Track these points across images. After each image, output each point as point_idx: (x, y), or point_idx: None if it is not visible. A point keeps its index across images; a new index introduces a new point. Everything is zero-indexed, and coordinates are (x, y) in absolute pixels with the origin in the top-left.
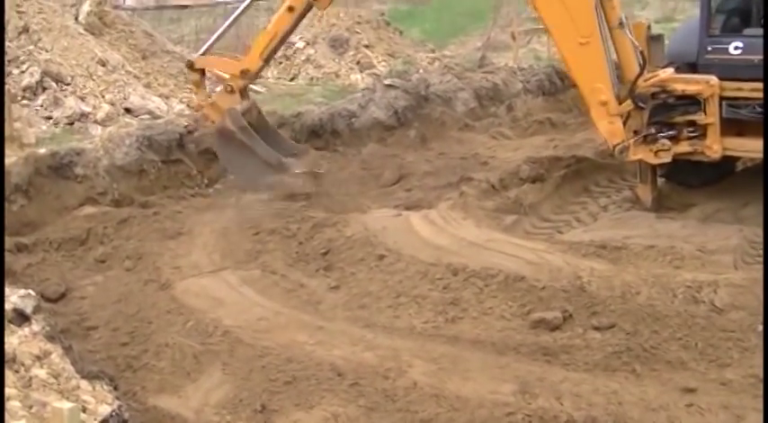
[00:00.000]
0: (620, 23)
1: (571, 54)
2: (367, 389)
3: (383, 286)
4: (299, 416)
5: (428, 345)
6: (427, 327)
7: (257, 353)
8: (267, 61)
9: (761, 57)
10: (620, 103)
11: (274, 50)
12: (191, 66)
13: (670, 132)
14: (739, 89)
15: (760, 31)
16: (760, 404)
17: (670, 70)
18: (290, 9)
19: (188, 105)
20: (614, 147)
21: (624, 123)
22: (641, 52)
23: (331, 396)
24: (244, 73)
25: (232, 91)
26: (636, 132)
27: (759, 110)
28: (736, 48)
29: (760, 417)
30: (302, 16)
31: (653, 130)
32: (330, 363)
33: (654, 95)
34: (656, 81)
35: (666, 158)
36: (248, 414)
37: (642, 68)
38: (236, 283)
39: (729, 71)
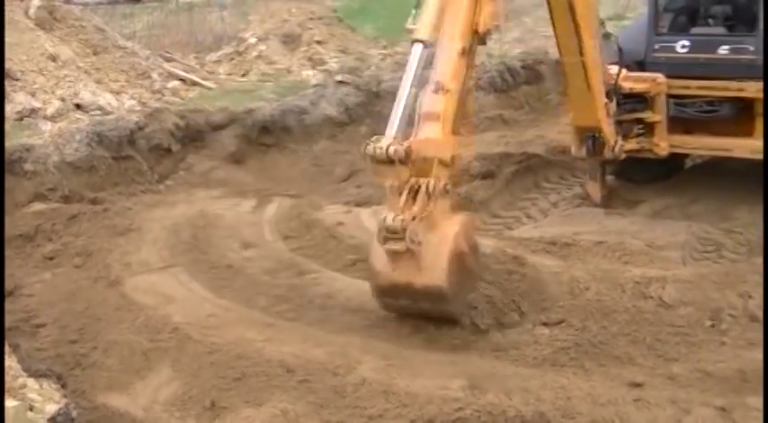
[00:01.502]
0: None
1: (590, 50)
2: (316, 385)
3: None
4: (248, 412)
5: (378, 341)
6: (378, 323)
7: (207, 349)
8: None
9: (707, 55)
10: None
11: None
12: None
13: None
14: (686, 87)
15: (706, 30)
16: (707, 398)
17: (616, 68)
18: (463, 52)
19: (139, 101)
20: (614, 145)
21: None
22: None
23: (280, 392)
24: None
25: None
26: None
27: (706, 107)
28: (683, 46)
29: (707, 411)
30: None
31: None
32: (280, 359)
33: (607, 94)
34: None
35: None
36: (197, 411)
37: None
38: (185, 280)
39: (676, 69)
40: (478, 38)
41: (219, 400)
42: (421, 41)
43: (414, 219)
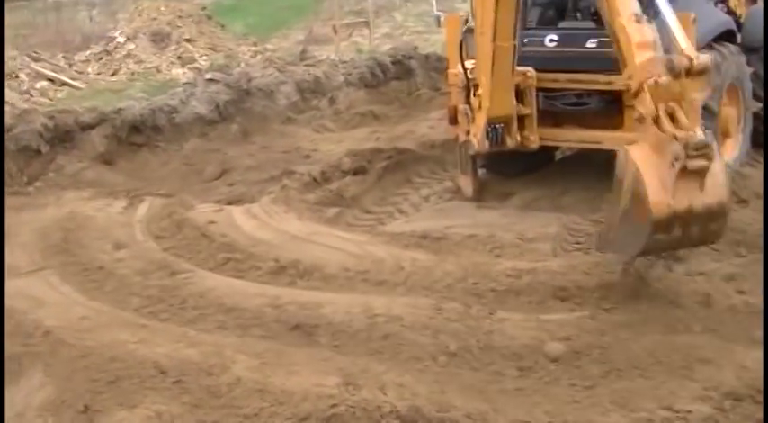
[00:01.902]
0: None
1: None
2: (191, 386)
3: None
4: (122, 415)
5: (252, 340)
6: (252, 321)
7: (79, 353)
8: None
9: (575, 49)
10: None
11: None
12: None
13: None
14: (555, 81)
15: (574, 24)
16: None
17: None
18: None
19: (7, 102)
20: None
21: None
22: None
23: (154, 394)
24: None
25: None
26: None
27: (575, 100)
28: (552, 40)
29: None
30: None
31: None
32: (153, 361)
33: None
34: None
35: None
36: (71, 415)
37: None
38: (57, 283)
39: (545, 63)
40: None
41: (93, 403)
42: None
43: None
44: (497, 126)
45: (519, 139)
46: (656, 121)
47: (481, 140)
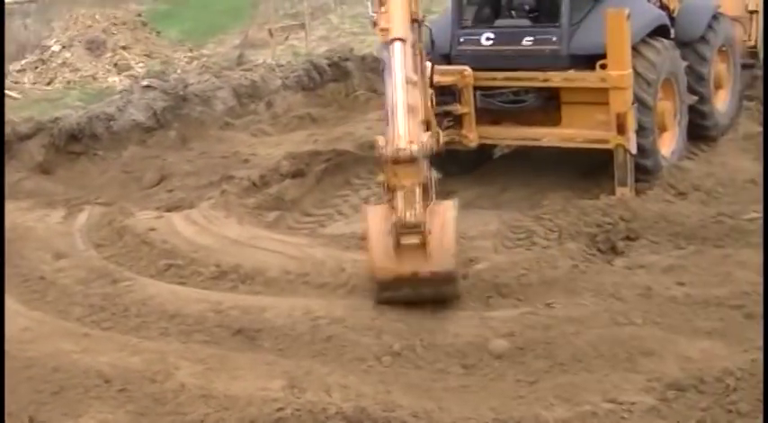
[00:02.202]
0: None
1: None
2: (135, 394)
3: None
4: None
5: (195, 346)
6: (194, 327)
7: (23, 364)
8: None
9: (511, 47)
10: None
11: None
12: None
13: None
14: (492, 79)
15: (510, 22)
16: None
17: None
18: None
19: None
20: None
21: None
22: None
23: (99, 403)
24: None
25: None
26: None
27: (513, 98)
28: (488, 39)
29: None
30: None
31: None
32: (97, 370)
33: None
34: None
35: None
36: None
37: None
38: None
39: (482, 61)
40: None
41: (38, 414)
42: (400, 39)
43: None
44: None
45: (455, 138)
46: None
47: None
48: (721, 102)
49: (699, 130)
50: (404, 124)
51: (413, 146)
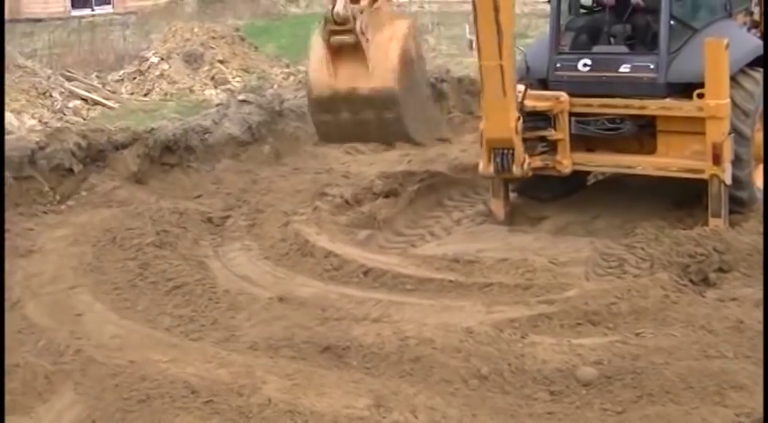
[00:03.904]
0: None
1: (508, 53)
2: (221, 406)
3: None
4: None
5: (283, 360)
6: (282, 342)
7: (110, 371)
8: None
9: (608, 73)
10: None
11: None
12: None
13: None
14: (588, 105)
15: (607, 49)
16: None
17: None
18: None
19: (39, 121)
20: (522, 162)
21: None
22: None
23: (185, 414)
24: None
25: None
26: None
27: (608, 125)
28: (585, 65)
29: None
30: None
31: None
32: (184, 380)
33: None
34: None
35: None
36: None
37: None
38: (89, 301)
39: (578, 88)
40: None
41: (123, 422)
42: None
43: (362, 12)
44: (505, 151)
45: (529, 167)
46: None
47: (485, 164)
48: None
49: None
50: None
51: None
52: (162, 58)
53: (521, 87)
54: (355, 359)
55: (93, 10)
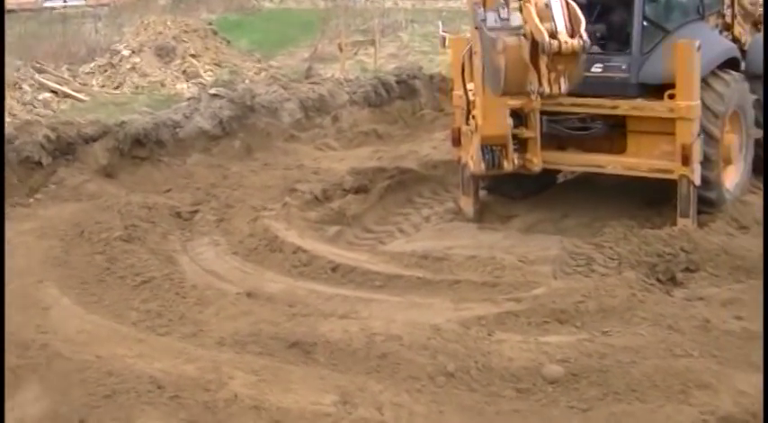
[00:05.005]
0: None
1: None
2: (187, 401)
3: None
4: None
5: (250, 356)
6: (249, 338)
7: (76, 366)
8: None
9: None
10: None
11: None
12: None
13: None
14: (559, 104)
15: None
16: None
17: None
18: None
19: (9, 113)
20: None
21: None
22: None
23: (151, 409)
24: None
25: None
26: None
27: (579, 124)
28: None
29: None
30: None
31: None
32: (150, 375)
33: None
34: None
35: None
36: None
37: None
38: (56, 295)
39: None
40: None
41: (89, 417)
42: None
43: None
44: (494, 148)
45: (520, 161)
46: None
47: (477, 162)
48: None
49: (763, 164)
50: None
51: None
52: (134, 52)
53: None
54: (322, 355)
55: (65, 1)
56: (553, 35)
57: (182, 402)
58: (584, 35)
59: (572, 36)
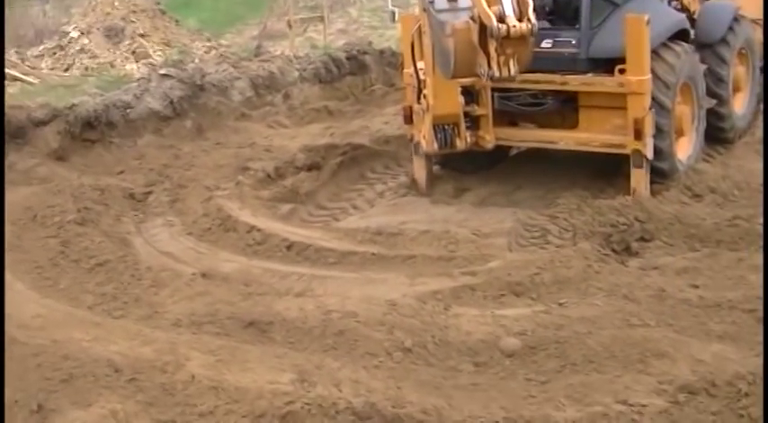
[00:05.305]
0: None
1: None
2: (145, 384)
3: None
4: (76, 414)
5: (207, 337)
6: (206, 319)
7: (32, 351)
8: None
9: None
10: None
11: None
12: None
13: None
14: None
15: None
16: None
17: None
18: None
19: None
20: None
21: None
22: None
23: (109, 392)
24: None
25: None
26: None
27: (530, 100)
28: None
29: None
30: None
31: None
32: (107, 358)
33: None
34: None
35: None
36: (24, 415)
37: None
38: (9, 280)
39: None
40: None
41: (47, 402)
42: None
43: None
44: (446, 127)
45: (473, 139)
46: None
47: (429, 141)
48: (739, 105)
49: (716, 133)
50: None
51: None
52: (82, 33)
53: None
54: (279, 334)
55: None
56: (501, 19)
57: (139, 385)
58: (533, 18)
59: (520, 19)
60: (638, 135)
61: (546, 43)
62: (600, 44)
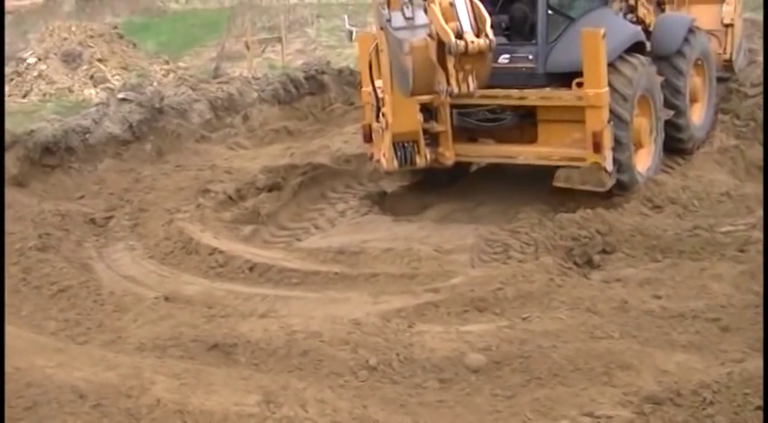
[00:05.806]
0: None
1: None
2: (110, 409)
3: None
4: None
5: (171, 360)
6: (170, 342)
7: None
8: None
9: None
10: None
11: None
12: None
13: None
14: (468, 97)
15: None
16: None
17: None
18: None
19: None
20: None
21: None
22: None
23: (74, 419)
24: None
25: None
26: None
27: (489, 116)
28: None
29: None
30: None
31: None
32: (71, 385)
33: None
34: None
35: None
36: None
37: None
38: None
39: None
40: None
41: None
42: None
43: None
44: (406, 145)
45: (433, 156)
46: None
47: (389, 159)
48: (697, 115)
49: (674, 143)
50: None
51: None
52: (40, 59)
53: None
54: (243, 356)
55: None
56: (459, 35)
57: (104, 410)
58: (491, 34)
59: (478, 35)
60: (597, 148)
61: (503, 59)
62: (557, 58)
